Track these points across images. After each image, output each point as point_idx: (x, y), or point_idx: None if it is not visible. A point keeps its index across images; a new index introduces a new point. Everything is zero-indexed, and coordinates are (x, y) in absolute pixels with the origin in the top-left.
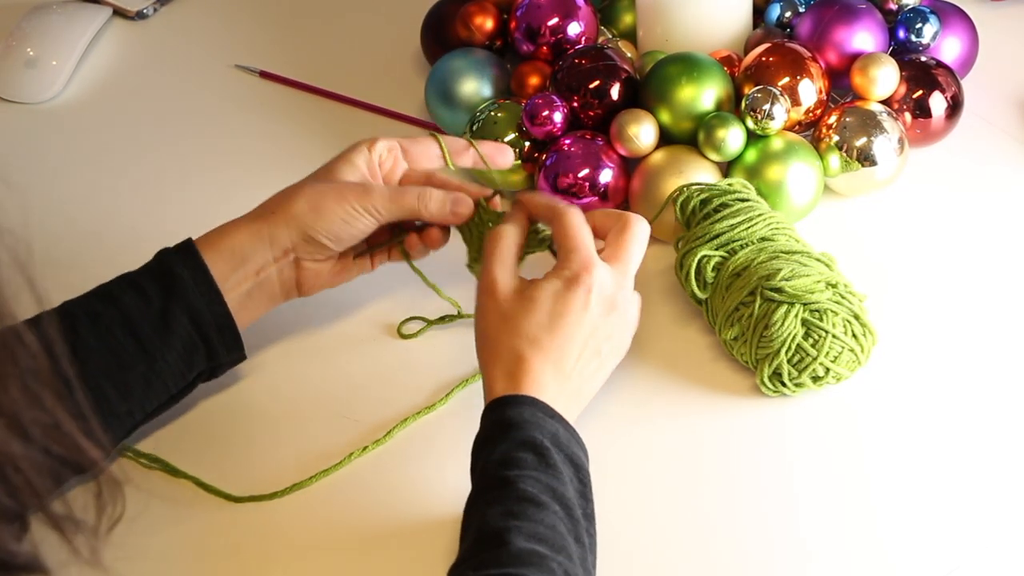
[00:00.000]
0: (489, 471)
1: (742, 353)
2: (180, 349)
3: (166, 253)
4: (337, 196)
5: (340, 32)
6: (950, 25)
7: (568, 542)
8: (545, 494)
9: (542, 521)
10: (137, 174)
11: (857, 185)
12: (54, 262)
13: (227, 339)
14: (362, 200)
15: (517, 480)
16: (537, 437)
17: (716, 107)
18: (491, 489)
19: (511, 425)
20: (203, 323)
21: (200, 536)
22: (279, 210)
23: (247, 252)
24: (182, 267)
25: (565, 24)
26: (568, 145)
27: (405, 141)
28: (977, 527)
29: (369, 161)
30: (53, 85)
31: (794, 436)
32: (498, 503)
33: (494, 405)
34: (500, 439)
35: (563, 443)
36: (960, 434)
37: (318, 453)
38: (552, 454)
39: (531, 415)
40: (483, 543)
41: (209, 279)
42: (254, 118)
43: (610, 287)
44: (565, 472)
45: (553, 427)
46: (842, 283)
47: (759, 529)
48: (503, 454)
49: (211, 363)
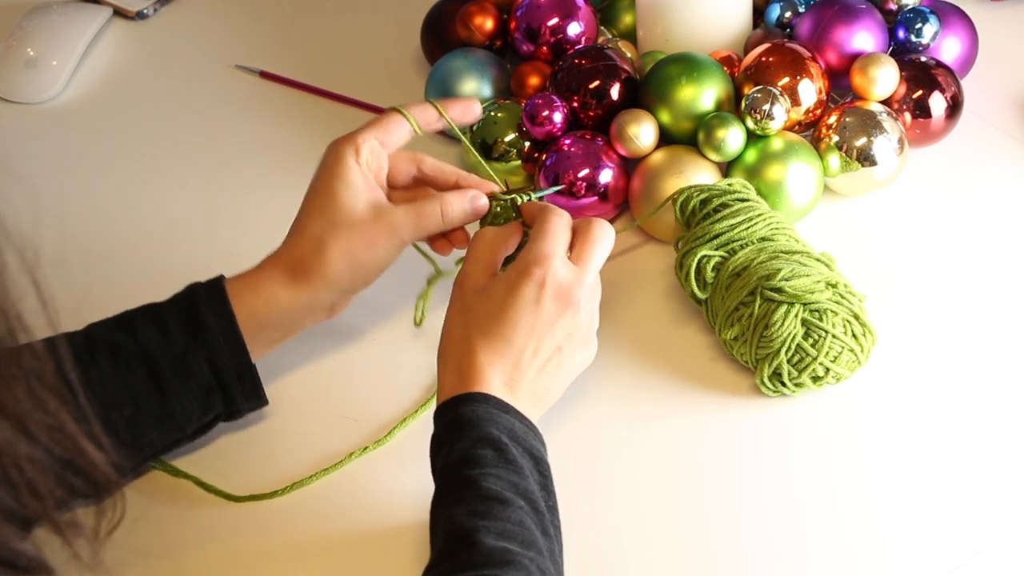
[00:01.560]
0: (450, 471)
1: (742, 353)
2: (197, 393)
3: (196, 292)
4: (368, 245)
5: (340, 32)
6: (950, 25)
7: (536, 536)
8: (509, 490)
9: (508, 518)
10: (137, 174)
11: (857, 185)
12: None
13: (247, 388)
14: (391, 239)
15: (479, 478)
16: (494, 433)
17: (716, 107)
18: (454, 489)
19: (466, 423)
20: (224, 371)
21: (200, 536)
22: (315, 275)
23: (284, 316)
24: (210, 314)
25: (565, 24)
26: (568, 145)
27: (377, 131)
28: (977, 527)
29: (363, 174)
30: (53, 85)
31: (794, 436)
32: (463, 503)
33: (447, 405)
34: (457, 438)
35: (520, 437)
36: (960, 434)
37: (318, 453)
38: (510, 449)
39: (485, 412)
40: (453, 545)
41: (235, 330)
42: (254, 118)
43: (566, 282)
44: (525, 466)
45: (508, 422)
46: (842, 283)
47: (759, 529)
48: (462, 453)
49: (228, 408)
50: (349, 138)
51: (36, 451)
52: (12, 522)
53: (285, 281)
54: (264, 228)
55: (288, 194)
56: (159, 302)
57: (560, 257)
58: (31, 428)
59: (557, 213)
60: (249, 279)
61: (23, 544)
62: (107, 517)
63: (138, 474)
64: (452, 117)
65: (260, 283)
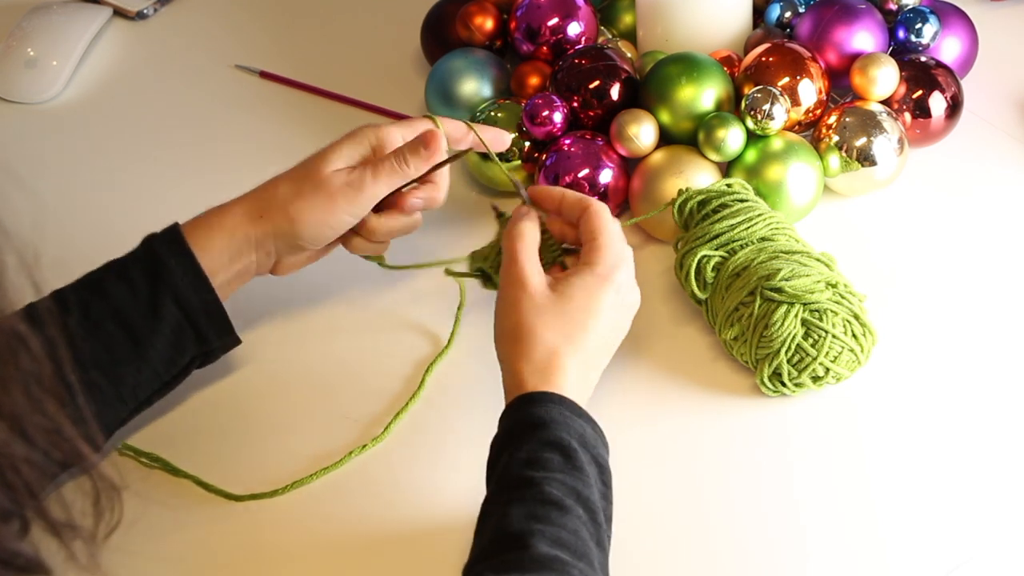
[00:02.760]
0: (513, 470)
1: (742, 353)
2: (169, 335)
3: (153, 240)
4: (328, 206)
5: (340, 32)
6: (950, 25)
7: (590, 548)
8: (570, 497)
9: (565, 526)
10: (137, 174)
11: (857, 185)
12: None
13: (216, 324)
14: (352, 204)
15: (542, 482)
16: (565, 437)
17: (716, 107)
18: (514, 488)
19: (538, 424)
20: (191, 310)
21: (200, 535)
22: (267, 215)
23: (232, 251)
24: (169, 255)
25: (565, 24)
26: (568, 145)
27: (406, 130)
28: (977, 527)
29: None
30: (53, 85)
31: (794, 436)
32: (521, 504)
33: (520, 402)
34: (526, 437)
35: (590, 443)
36: (960, 434)
37: (318, 452)
38: (579, 455)
39: (559, 413)
40: (503, 544)
41: (197, 268)
42: (254, 118)
43: (630, 287)
44: (591, 474)
45: (581, 427)
46: (842, 283)
47: (759, 529)
48: (529, 453)
49: (202, 348)
50: (375, 124)
51: (34, 453)
52: (9, 523)
53: (237, 215)
54: None
55: None
56: (120, 257)
57: (626, 261)
58: (28, 430)
59: (601, 206)
60: (205, 217)
61: (20, 544)
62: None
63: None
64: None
65: (213, 219)
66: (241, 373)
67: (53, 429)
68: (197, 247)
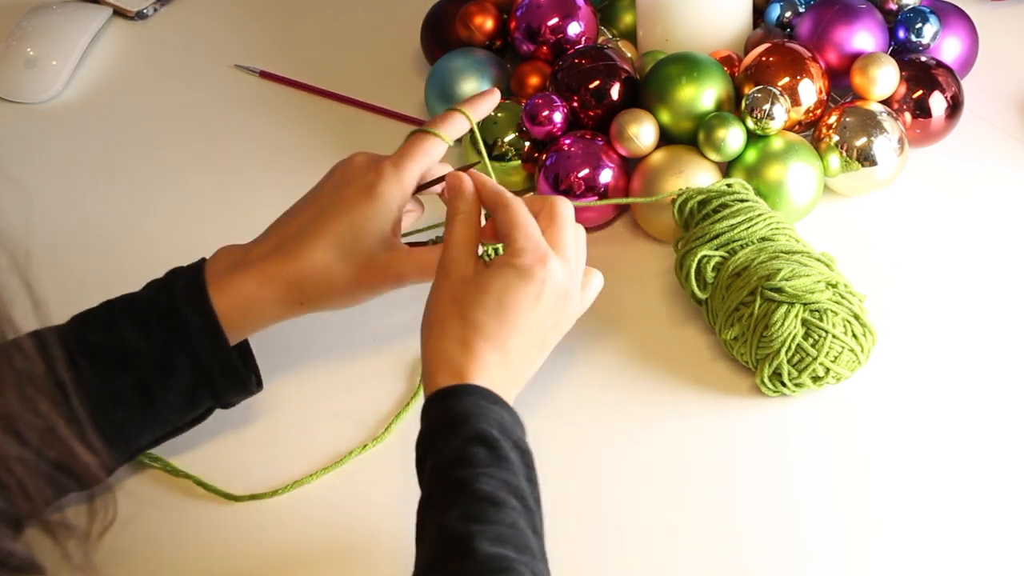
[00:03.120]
0: (440, 471)
1: (742, 353)
2: (183, 390)
3: (176, 285)
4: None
5: (340, 32)
6: (950, 25)
7: (528, 538)
8: (502, 490)
9: (502, 521)
10: (137, 174)
11: (857, 185)
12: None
13: (232, 383)
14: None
15: (472, 479)
16: (486, 429)
17: (716, 107)
18: (446, 491)
19: (457, 419)
20: (208, 368)
21: (200, 536)
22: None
23: (261, 313)
24: (189, 310)
25: (565, 24)
26: (568, 145)
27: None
28: (977, 527)
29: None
30: (53, 85)
31: (794, 436)
32: (455, 506)
33: (436, 398)
34: (448, 434)
35: (509, 429)
36: (960, 433)
37: (318, 452)
38: (501, 444)
39: (474, 405)
40: (446, 550)
41: (216, 328)
42: (254, 118)
43: (562, 279)
44: (515, 460)
45: (498, 414)
46: (842, 283)
47: (759, 529)
48: (454, 452)
49: (218, 402)
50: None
51: (27, 453)
52: (3, 522)
53: (279, 302)
54: (264, 227)
55: (288, 194)
56: (139, 294)
57: (554, 257)
58: (22, 430)
59: (518, 202)
60: (234, 280)
61: (14, 544)
62: (99, 518)
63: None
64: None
65: (248, 289)
66: None
67: (46, 428)
68: (220, 304)
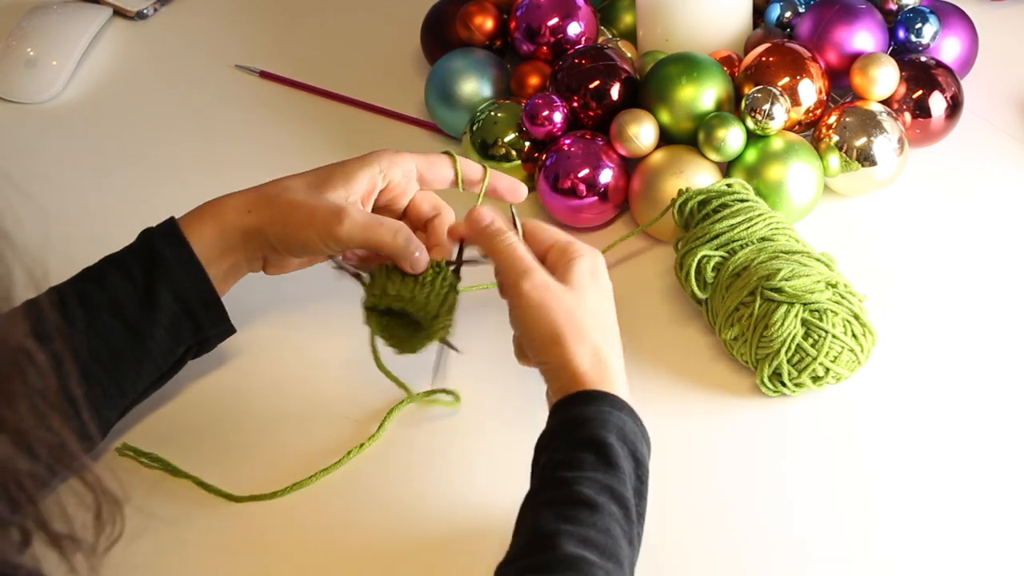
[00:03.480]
0: (547, 470)
1: (742, 353)
2: (167, 325)
3: (150, 233)
4: (306, 220)
5: (340, 32)
6: (950, 25)
7: (620, 546)
8: (602, 495)
9: (595, 524)
10: (137, 174)
11: (857, 185)
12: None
13: (212, 314)
14: (328, 229)
15: (574, 481)
16: (601, 434)
17: (716, 107)
18: (547, 489)
19: (577, 422)
20: (188, 299)
21: (200, 536)
22: (256, 209)
23: (223, 244)
24: (165, 246)
25: (565, 24)
26: (568, 145)
27: (422, 163)
28: (977, 527)
29: (373, 178)
30: (53, 85)
31: (794, 436)
32: (552, 505)
33: (564, 402)
34: (564, 437)
35: (629, 438)
36: (960, 434)
37: (318, 452)
38: (614, 451)
39: (597, 411)
40: (533, 545)
41: (193, 258)
42: (254, 118)
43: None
44: (626, 469)
45: (620, 420)
46: (842, 283)
47: (759, 529)
48: (565, 453)
49: (197, 337)
50: (394, 150)
51: (37, 468)
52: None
53: (231, 210)
54: None
55: None
56: (116, 252)
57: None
58: (33, 445)
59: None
60: (199, 210)
61: (21, 557)
62: (106, 533)
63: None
64: (498, 188)
65: (207, 213)
66: (241, 373)
67: (58, 444)
68: (192, 237)
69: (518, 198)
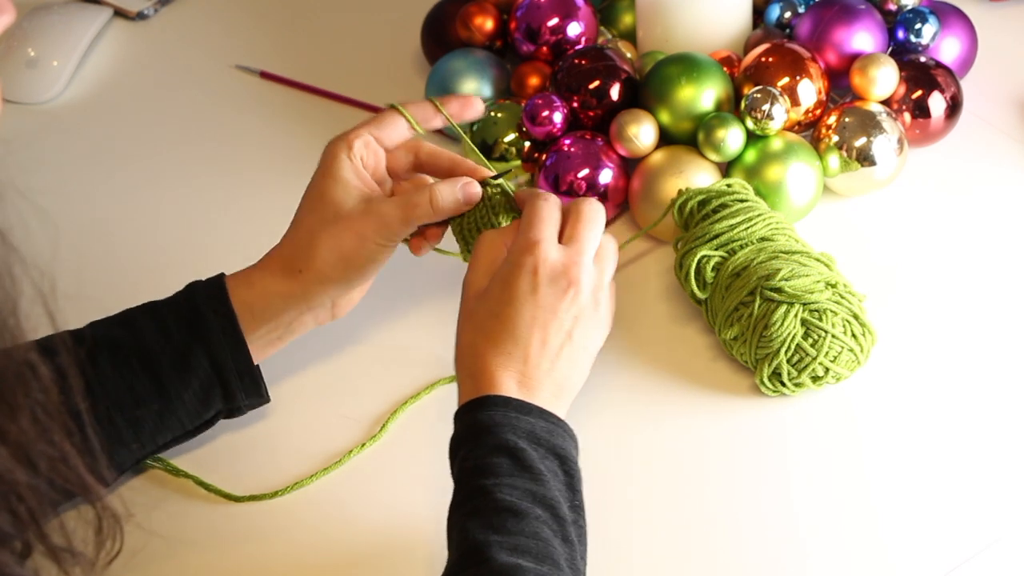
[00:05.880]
0: (465, 479)
1: (742, 353)
2: (197, 389)
3: (196, 289)
4: (357, 238)
5: (340, 32)
6: (949, 25)
7: (553, 547)
8: (525, 500)
9: (523, 531)
10: (137, 174)
11: (857, 185)
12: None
13: (247, 385)
14: (381, 231)
15: (494, 489)
16: (510, 440)
17: (716, 107)
18: (469, 499)
19: (482, 430)
20: (224, 368)
21: (200, 536)
22: (306, 268)
23: (280, 311)
24: (209, 309)
25: (565, 24)
26: (568, 145)
27: (373, 127)
28: (976, 527)
29: (355, 169)
30: (54, 85)
31: (794, 436)
32: (477, 515)
33: (464, 409)
34: (473, 444)
35: (542, 438)
36: (960, 433)
37: (318, 453)
38: (528, 454)
39: (502, 417)
40: (465, 558)
41: (236, 328)
42: (254, 118)
43: (559, 264)
44: (545, 469)
45: (528, 424)
46: (841, 283)
47: (759, 529)
48: (477, 461)
49: (228, 404)
50: (342, 136)
51: (37, 481)
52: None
53: (279, 276)
54: (265, 228)
55: (288, 194)
56: (159, 300)
57: (549, 240)
58: (34, 458)
59: (543, 197)
60: (245, 275)
61: (21, 570)
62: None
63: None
64: (451, 113)
65: (256, 278)
66: None
67: (58, 458)
68: (240, 306)
69: (476, 112)
